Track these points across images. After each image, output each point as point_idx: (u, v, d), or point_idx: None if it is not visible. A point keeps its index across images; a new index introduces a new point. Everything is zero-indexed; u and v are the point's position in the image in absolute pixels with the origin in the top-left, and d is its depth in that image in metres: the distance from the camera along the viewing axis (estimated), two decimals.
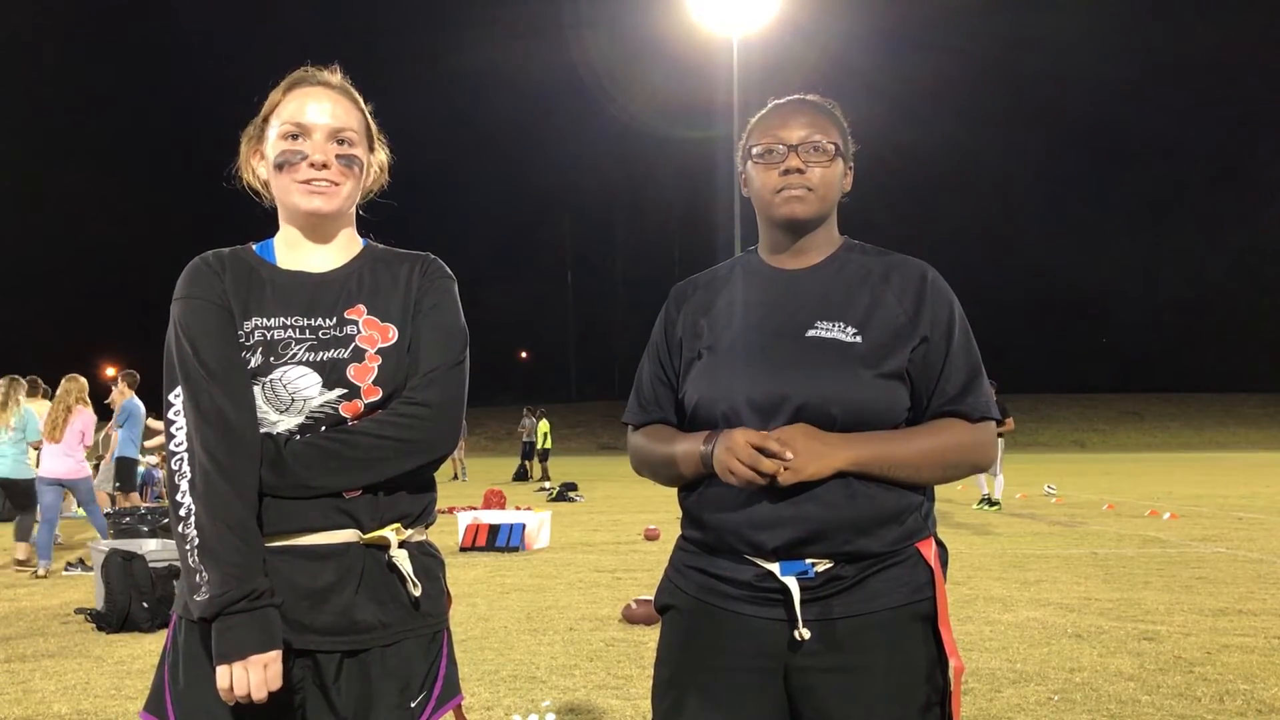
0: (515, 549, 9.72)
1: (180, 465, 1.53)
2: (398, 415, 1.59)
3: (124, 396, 11.65)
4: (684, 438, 1.75)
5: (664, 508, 14.04)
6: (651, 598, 1.89)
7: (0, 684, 4.73)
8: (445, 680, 1.65)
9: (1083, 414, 64.39)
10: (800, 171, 1.72)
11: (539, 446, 26.75)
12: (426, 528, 1.71)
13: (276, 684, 1.48)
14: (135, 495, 11.81)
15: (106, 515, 10.32)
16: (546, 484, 21.16)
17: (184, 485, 1.52)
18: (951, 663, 1.67)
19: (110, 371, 12.06)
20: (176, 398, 1.55)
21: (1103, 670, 4.76)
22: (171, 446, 1.55)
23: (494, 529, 9.93)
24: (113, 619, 5.97)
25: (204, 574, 1.47)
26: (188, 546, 1.50)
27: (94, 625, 6.07)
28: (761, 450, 1.57)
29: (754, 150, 1.77)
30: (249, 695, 1.47)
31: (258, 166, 1.72)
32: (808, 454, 1.58)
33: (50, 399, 11.32)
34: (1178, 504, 15.37)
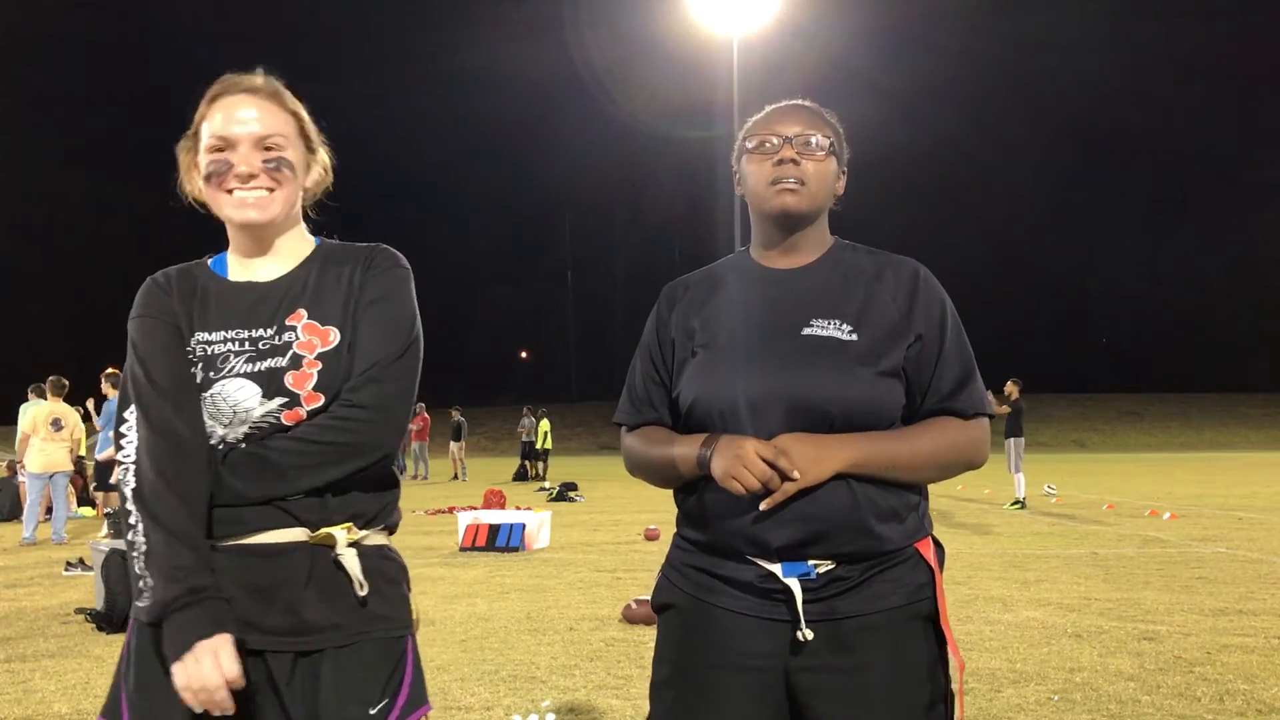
0: (515, 549, 9.72)
1: (127, 475, 1.54)
2: (332, 419, 1.57)
3: (109, 397, 11.69)
4: (680, 440, 1.75)
5: (664, 508, 14.01)
6: (651, 598, 1.88)
7: (0, 684, 4.73)
8: (411, 690, 1.61)
9: (1083, 414, 64.38)
10: (794, 163, 1.72)
11: (539, 446, 26.75)
12: (388, 530, 1.68)
13: (234, 667, 1.45)
14: (114, 495, 11.81)
15: (106, 515, 10.35)
16: (546, 484, 21.16)
17: (129, 494, 1.53)
18: (954, 660, 1.67)
19: (109, 371, 12.06)
20: (131, 414, 1.58)
21: (1103, 670, 4.76)
22: (120, 457, 1.57)
23: (494, 529, 9.93)
24: (113, 619, 5.97)
25: (148, 580, 1.48)
26: (135, 554, 1.51)
27: (94, 625, 6.07)
28: (771, 465, 1.58)
29: (749, 145, 1.78)
30: (206, 686, 1.43)
31: (197, 180, 1.69)
32: (805, 461, 1.58)
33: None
34: (1178, 504, 15.37)
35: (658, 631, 1.82)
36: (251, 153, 1.61)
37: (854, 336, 1.68)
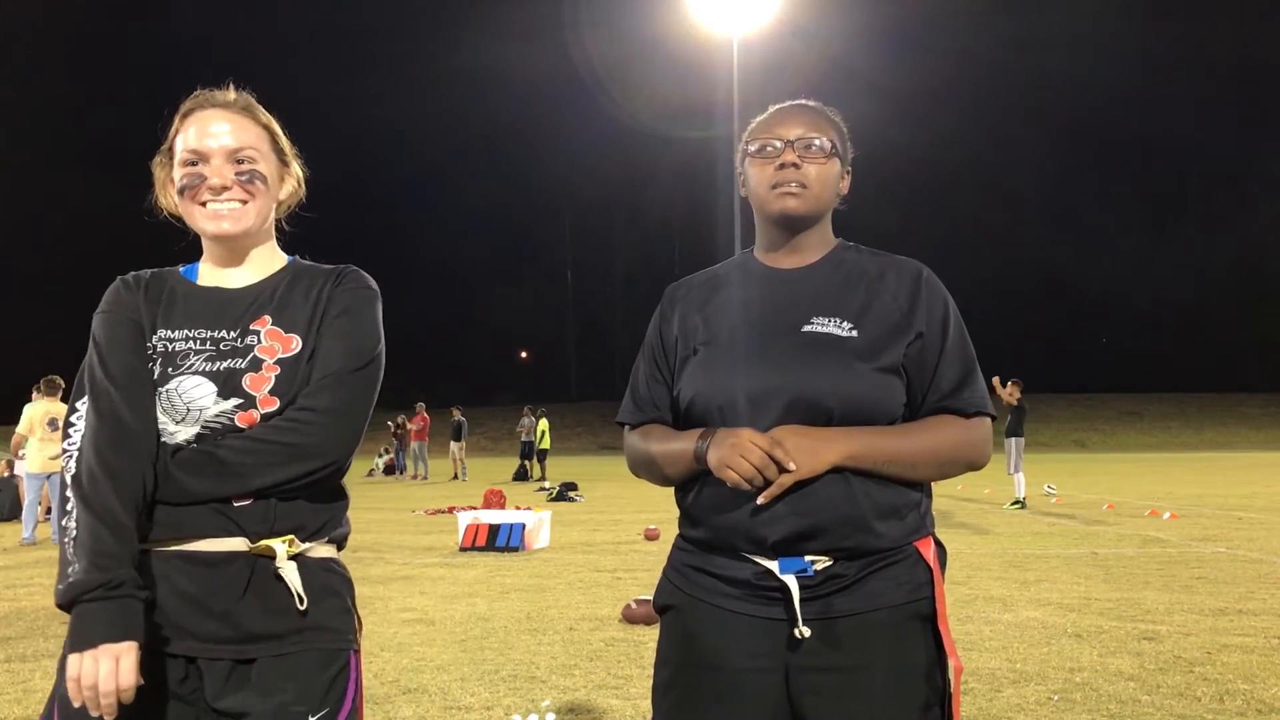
0: (515, 549, 9.72)
1: (69, 463, 1.55)
2: (285, 420, 1.57)
3: None
4: (678, 435, 1.75)
5: (664, 508, 14.03)
6: (651, 598, 1.89)
7: (0, 684, 4.73)
8: (354, 704, 1.60)
9: (1083, 414, 64.39)
10: (796, 166, 1.73)
11: (538, 446, 26.75)
12: (336, 544, 1.67)
13: (130, 678, 1.42)
14: None
15: None
16: (546, 484, 21.16)
17: (69, 480, 1.53)
18: (951, 663, 1.67)
19: None
20: (82, 404, 1.59)
21: (1103, 670, 4.76)
22: (65, 445, 1.57)
23: (494, 529, 9.93)
24: None
25: (75, 566, 1.47)
26: (66, 539, 1.50)
27: None
28: (767, 455, 1.58)
29: (751, 148, 1.79)
30: (97, 687, 1.41)
31: (172, 194, 1.71)
32: (801, 453, 1.58)
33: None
34: (1178, 504, 15.37)
35: (660, 633, 1.82)
36: (224, 165, 1.64)
37: (853, 333, 1.69)
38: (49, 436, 11.35)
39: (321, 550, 1.64)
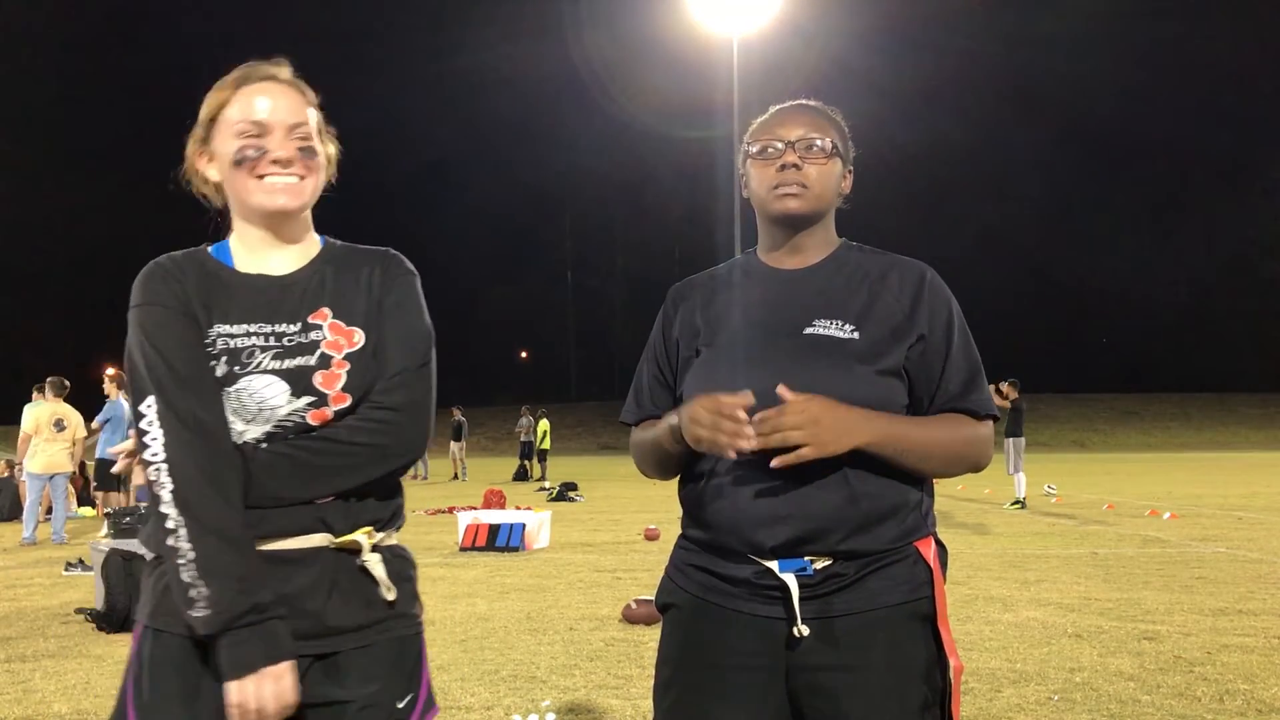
0: (515, 549, 9.72)
1: (160, 476, 1.47)
2: (367, 421, 1.56)
3: (111, 398, 11.69)
4: (665, 418, 1.76)
5: (664, 508, 14.03)
6: (651, 598, 1.89)
7: (0, 684, 4.73)
8: (428, 687, 1.63)
9: (1083, 414, 64.39)
10: (796, 167, 1.72)
11: (538, 446, 26.75)
12: (396, 530, 1.68)
13: (292, 696, 1.45)
14: (115, 495, 11.81)
15: (106, 515, 10.36)
16: (546, 484, 21.16)
17: (167, 496, 1.46)
18: (951, 662, 1.67)
19: (110, 371, 12.09)
20: (149, 408, 1.49)
21: (1103, 670, 4.76)
22: (147, 457, 1.49)
23: (494, 529, 9.93)
24: (113, 619, 5.97)
25: (200, 589, 1.42)
26: (180, 561, 1.44)
27: (94, 625, 6.07)
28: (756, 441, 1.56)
29: (752, 149, 1.79)
30: (262, 710, 1.42)
31: (206, 169, 1.66)
32: (831, 429, 1.56)
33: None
34: (1178, 504, 15.37)
35: (661, 631, 1.82)
36: (286, 139, 1.59)
37: (855, 335, 1.69)
38: (54, 437, 11.38)
39: (392, 538, 1.65)
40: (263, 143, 1.58)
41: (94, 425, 11.77)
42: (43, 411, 11.40)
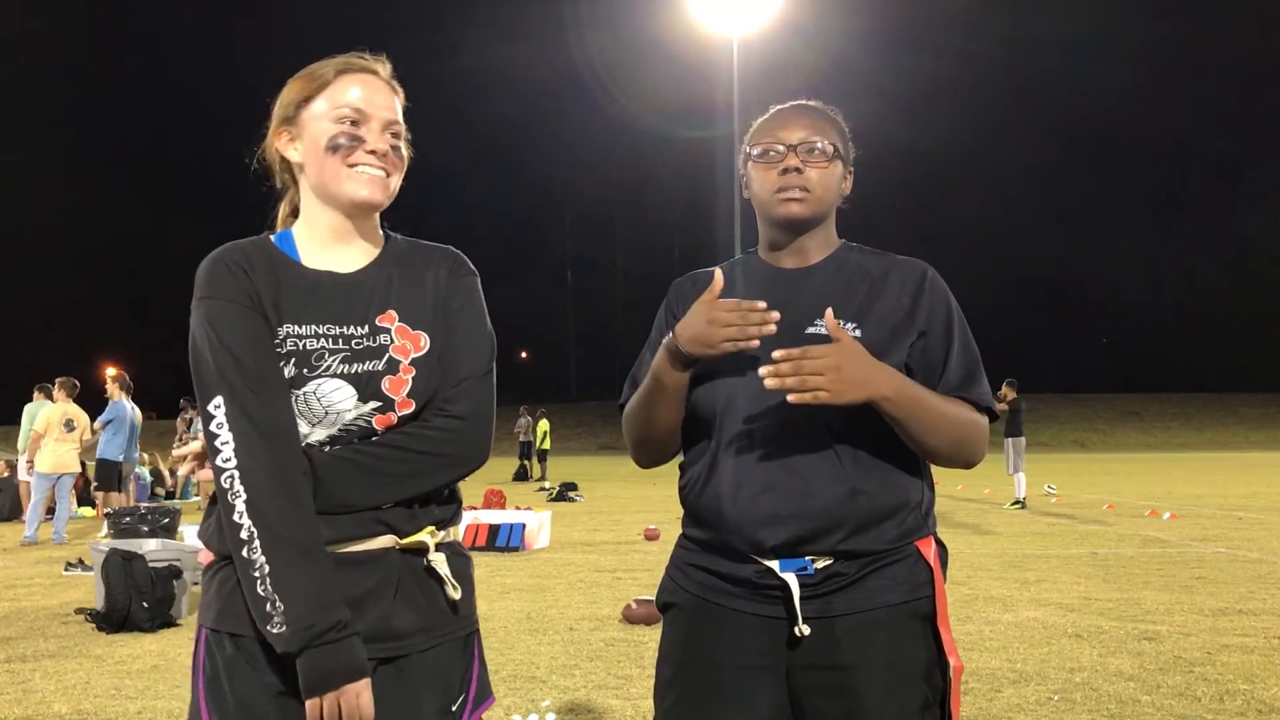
0: (515, 549, 9.72)
1: (233, 484, 1.43)
2: (432, 429, 1.54)
3: (112, 399, 11.70)
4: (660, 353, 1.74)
5: (664, 508, 14.04)
6: (652, 598, 1.89)
7: (0, 684, 4.73)
8: (479, 682, 1.63)
9: (1083, 414, 64.39)
10: (798, 171, 1.73)
11: (538, 446, 26.74)
12: (454, 527, 1.68)
13: (370, 711, 1.44)
14: (115, 495, 11.81)
15: (106, 515, 10.37)
16: (546, 484, 21.16)
17: (240, 505, 1.42)
18: (951, 662, 1.67)
19: (112, 371, 12.09)
20: (218, 409, 1.45)
21: (1103, 670, 4.76)
22: (219, 463, 1.44)
23: (494, 529, 9.94)
24: (113, 619, 5.97)
25: (277, 603, 1.39)
26: (255, 573, 1.41)
27: (94, 625, 6.07)
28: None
29: (753, 151, 1.79)
30: None
31: (287, 149, 1.62)
32: (850, 378, 1.56)
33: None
34: (1178, 504, 15.37)
35: (662, 631, 1.82)
36: (382, 133, 1.58)
37: (856, 334, 1.69)
38: (64, 437, 11.41)
39: (451, 538, 1.64)
40: (360, 132, 1.56)
41: (95, 426, 11.76)
42: (54, 412, 11.44)
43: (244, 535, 1.42)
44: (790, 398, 1.56)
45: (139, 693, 4.52)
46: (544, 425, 26.65)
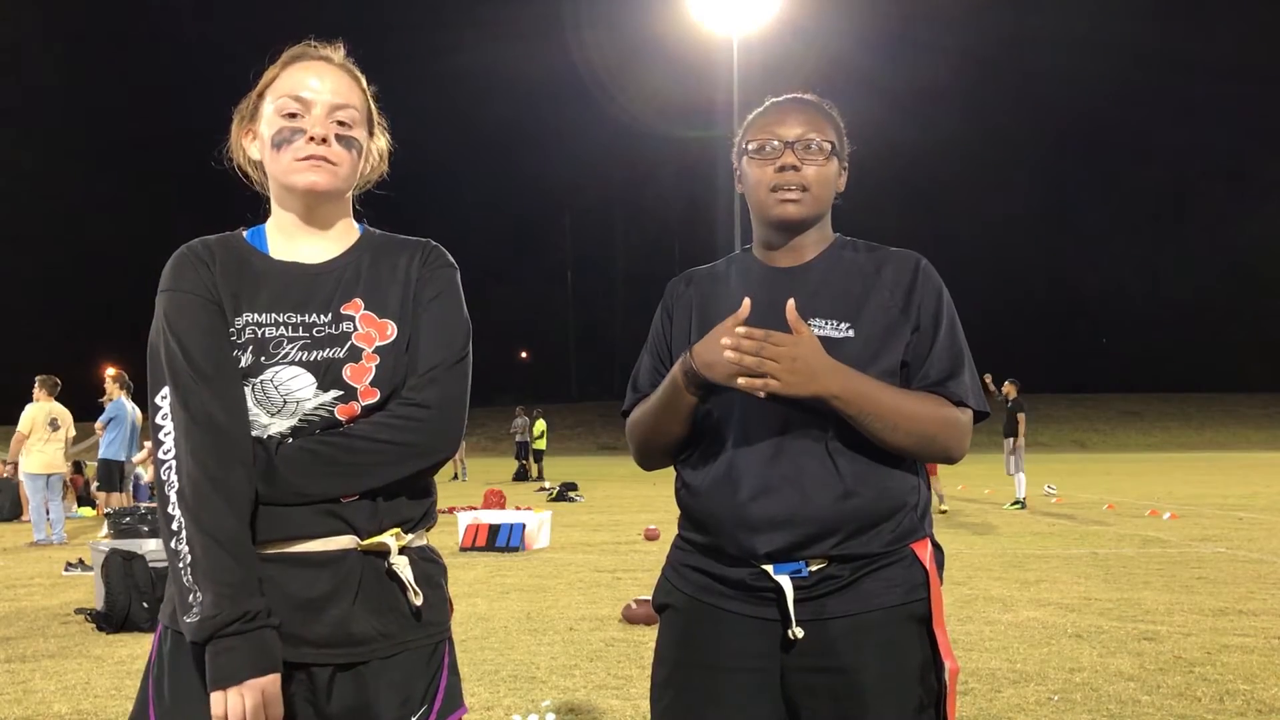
0: (515, 549, 9.72)
1: (169, 475, 1.43)
2: (396, 417, 1.50)
3: (111, 398, 11.68)
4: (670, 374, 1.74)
5: (664, 508, 14.03)
6: (651, 597, 1.88)
7: (0, 684, 4.73)
8: (446, 693, 1.55)
9: (1083, 414, 64.38)
10: (795, 169, 1.72)
11: (533, 446, 26.74)
12: (427, 531, 1.64)
13: (277, 709, 1.38)
14: (116, 496, 11.78)
15: (106, 515, 10.37)
16: (546, 484, 21.16)
17: (173, 496, 1.42)
18: (946, 665, 1.66)
19: (112, 371, 12.07)
20: (164, 399, 1.45)
21: (1103, 670, 4.76)
22: (160, 454, 1.44)
23: (494, 529, 9.93)
24: (113, 619, 5.97)
25: (197, 594, 1.38)
26: (180, 564, 1.40)
27: (94, 625, 6.07)
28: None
29: (749, 146, 1.77)
30: None
31: (249, 146, 1.62)
32: (801, 373, 1.56)
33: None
34: (1178, 504, 15.37)
35: (658, 632, 1.82)
36: (325, 119, 1.55)
37: (850, 333, 1.69)
38: (50, 437, 11.35)
39: (420, 540, 1.59)
40: (300, 124, 1.54)
41: (97, 426, 11.74)
42: (38, 411, 11.35)
43: (174, 526, 1.41)
44: (740, 382, 1.57)
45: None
46: (540, 425, 26.65)
